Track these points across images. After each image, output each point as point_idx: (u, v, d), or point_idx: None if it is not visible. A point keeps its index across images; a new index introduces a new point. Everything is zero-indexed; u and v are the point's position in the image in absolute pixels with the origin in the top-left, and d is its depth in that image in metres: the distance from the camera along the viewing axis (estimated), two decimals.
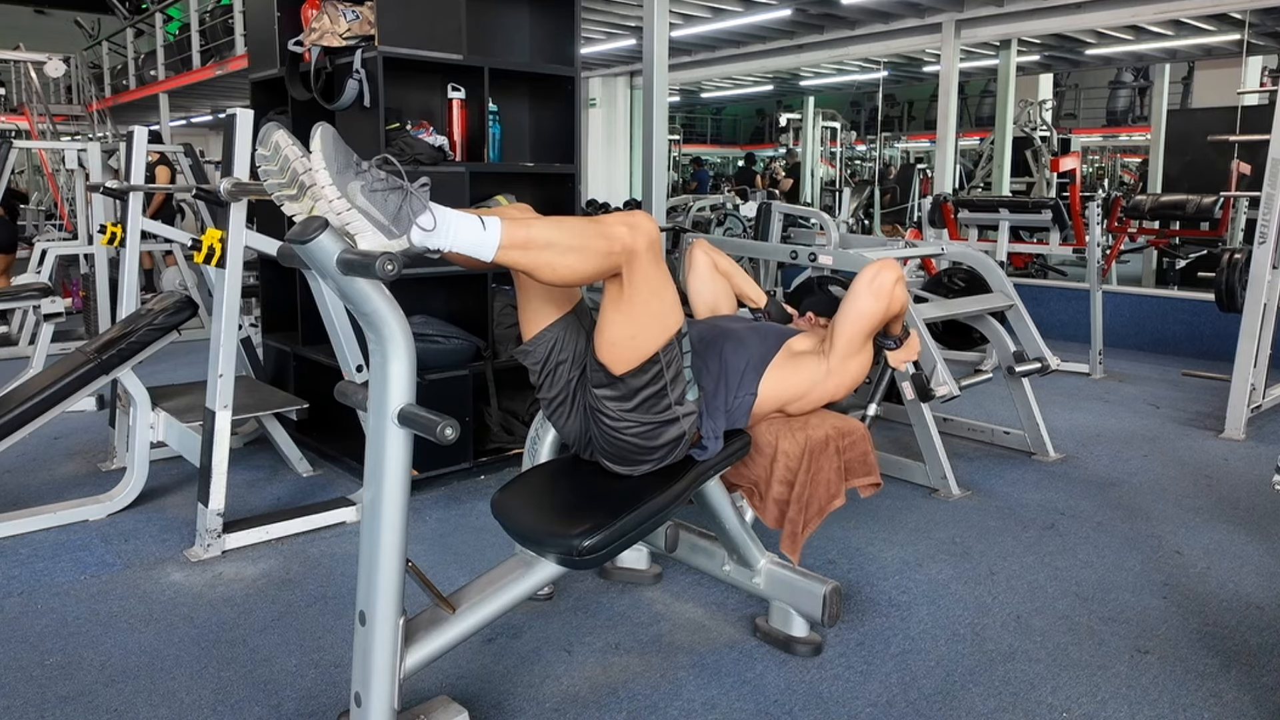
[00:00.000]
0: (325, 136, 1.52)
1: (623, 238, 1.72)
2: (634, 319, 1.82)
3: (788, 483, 2.22)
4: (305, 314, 3.78)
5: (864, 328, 2.19)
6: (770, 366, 2.16)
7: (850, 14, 8.22)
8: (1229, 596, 2.61)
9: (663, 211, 5.42)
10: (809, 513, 2.23)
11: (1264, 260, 4.10)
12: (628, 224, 1.74)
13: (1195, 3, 6.88)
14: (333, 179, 1.52)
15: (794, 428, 2.23)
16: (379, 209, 1.54)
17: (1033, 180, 10.65)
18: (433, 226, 1.58)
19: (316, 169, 1.51)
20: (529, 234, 1.66)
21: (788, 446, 2.20)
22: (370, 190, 1.54)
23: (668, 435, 1.96)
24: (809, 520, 2.23)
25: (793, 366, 2.20)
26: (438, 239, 1.60)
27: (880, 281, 2.16)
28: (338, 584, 2.66)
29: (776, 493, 2.23)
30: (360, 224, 1.54)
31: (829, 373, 2.20)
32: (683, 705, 2.07)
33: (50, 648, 2.30)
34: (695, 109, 20.35)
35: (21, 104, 11.33)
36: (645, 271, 1.77)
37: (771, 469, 2.23)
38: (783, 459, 2.21)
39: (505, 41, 3.96)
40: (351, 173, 1.53)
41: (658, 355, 1.87)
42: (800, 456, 2.19)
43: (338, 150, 1.53)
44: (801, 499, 2.21)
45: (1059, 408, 4.65)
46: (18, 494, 3.39)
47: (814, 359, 2.22)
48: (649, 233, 1.76)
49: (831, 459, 2.24)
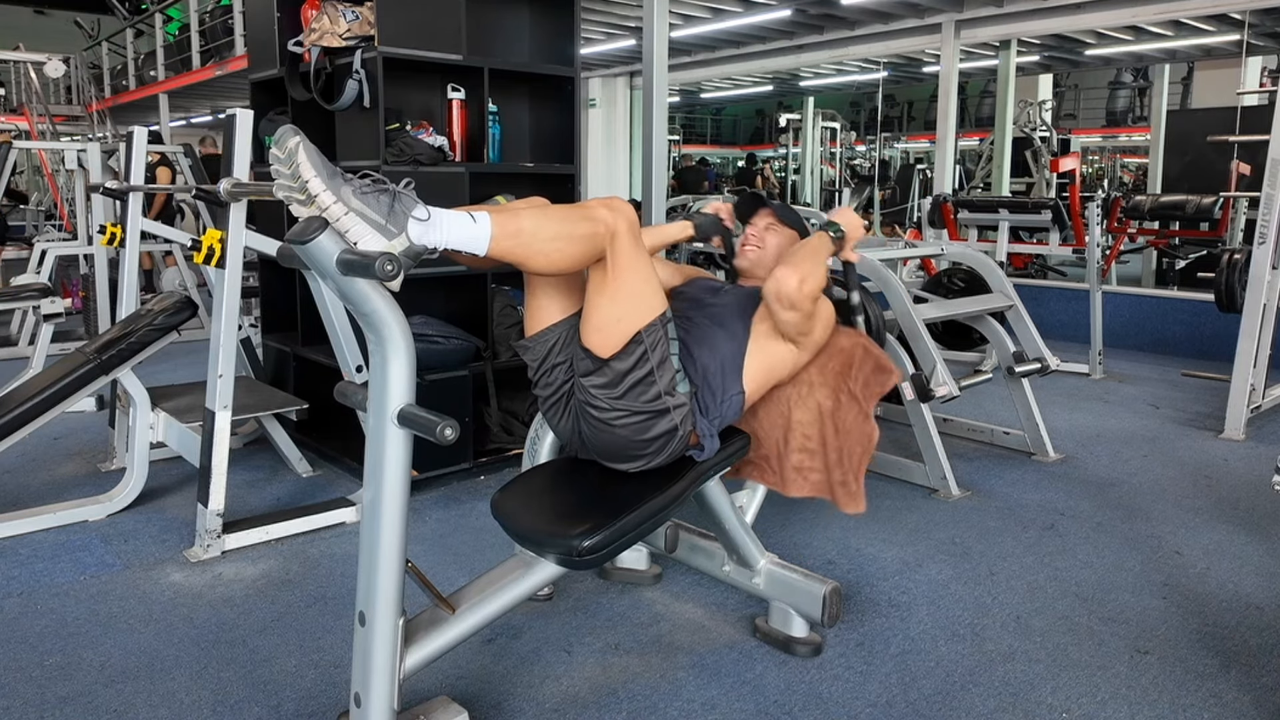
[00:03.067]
0: (307, 146, 1.54)
1: (605, 219, 1.81)
2: (618, 301, 1.86)
3: (808, 450, 2.24)
4: (305, 314, 3.78)
5: (802, 327, 2.15)
6: (747, 358, 2.14)
7: (850, 14, 8.22)
8: (1229, 597, 2.61)
9: (662, 212, 5.41)
10: (854, 462, 2.25)
11: (1264, 260, 4.10)
12: (607, 206, 1.84)
13: (1195, 3, 6.88)
14: (325, 185, 1.54)
15: (802, 394, 2.24)
16: (373, 209, 1.57)
17: (1032, 181, 10.65)
18: (427, 217, 1.61)
19: (308, 176, 1.53)
20: (518, 225, 1.72)
21: (801, 415, 2.22)
22: (361, 193, 1.57)
23: (658, 428, 1.95)
24: (858, 468, 2.25)
25: (769, 347, 2.17)
26: (433, 233, 1.62)
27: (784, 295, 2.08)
28: (337, 584, 2.66)
29: (796, 461, 2.25)
30: (359, 228, 1.55)
31: (800, 348, 2.20)
32: (683, 705, 2.07)
33: (50, 648, 2.30)
34: (695, 109, 20.36)
35: (21, 104, 11.33)
36: (627, 251, 1.84)
37: (786, 440, 2.24)
38: (798, 428, 2.23)
39: (505, 42, 3.96)
40: (339, 179, 1.56)
41: (640, 335, 1.88)
42: (817, 421, 2.22)
43: (320, 158, 1.56)
44: (840, 456, 2.23)
45: (1059, 408, 4.66)
46: (18, 494, 3.39)
47: (782, 340, 2.19)
48: (628, 214, 1.85)
49: (850, 407, 2.24)
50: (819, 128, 14.40)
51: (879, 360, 2.32)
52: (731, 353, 2.13)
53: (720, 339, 2.14)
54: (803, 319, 2.13)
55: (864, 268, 3.30)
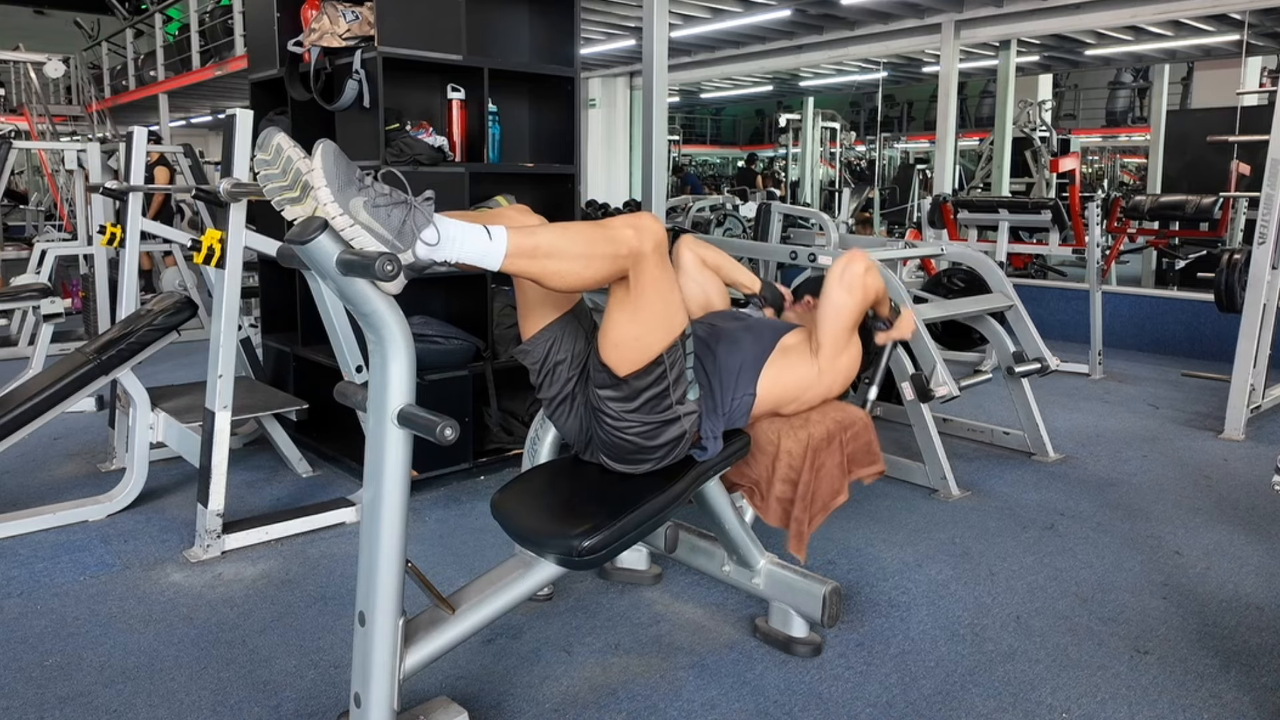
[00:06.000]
0: (327, 153, 1.51)
1: (629, 241, 1.71)
2: (639, 321, 1.81)
3: (791, 481, 2.22)
4: (305, 314, 3.78)
5: (844, 322, 2.18)
6: (766, 365, 2.15)
7: (850, 14, 8.23)
8: (1229, 597, 2.61)
9: (662, 212, 5.41)
10: (814, 509, 2.23)
11: (1263, 260, 4.10)
12: (634, 227, 1.73)
13: (1195, 3, 6.89)
14: (334, 196, 1.51)
15: (795, 425, 2.23)
16: (382, 224, 1.53)
17: (1032, 181, 10.65)
18: (436, 241, 1.57)
19: (318, 186, 1.50)
20: (535, 242, 1.65)
21: (790, 445, 2.20)
22: (373, 206, 1.53)
23: (668, 435, 1.96)
24: (814, 516, 2.23)
25: (788, 365, 2.19)
26: (442, 252, 1.59)
27: (850, 274, 2.15)
28: (337, 584, 2.66)
29: (779, 491, 2.23)
30: (364, 240, 1.53)
31: (820, 373, 2.20)
32: (683, 706, 2.07)
33: (50, 648, 2.30)
34: (695, 109, 20.36)
35: (21, 104, 11.33)
36: (652, 274, 1.76)
37: (774, 468, 2.23)
38: (785, 458, 2.21)
39: (505, 42, 3.97)
40: (354, 189, 1.52)
41: (662, 357, 1.87)
42: (803, 454, 2.20)
43: (339, 166, 1.52)
44: (806, 496, 2.21)
45: (1058, 408, 4.65)
46: (18, 494, 3.39)
47: (807, 358, 2.21)
48: (655, 234, 1.75)
49: (834, 454, 2.24)
50: (819, 128, 14.40)
51: (874, 444, 2.34)
52: (753, 355, 2.14)
53: (747, 341, 2.16)
54: (849, 313, 2.15)
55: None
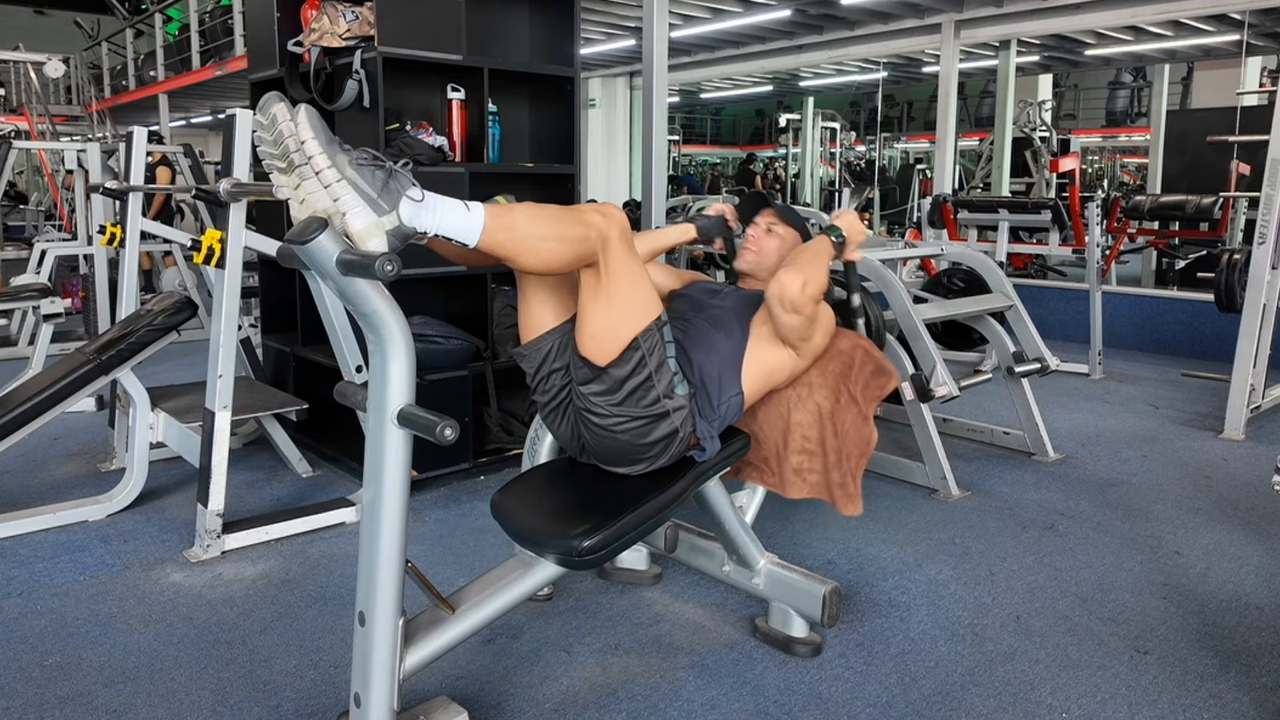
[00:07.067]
0: (311, 113, 1.57)
1: (598, 225, 1.80)
2: (612, 308, 1.86)
3: (808, 451, 2.25)
4: (305, 314, 3.78)
5: (804, 332, 2.16)
6: (745, 360, 2.15)
7: (850, 14, 8.23)
8: (1228, 597, 2.61)
9: (662, 212, 5.41)
10: (851, 465, 2.26)
11: (1263, 260, 4.10)
12: (601, 211, 1.84)
13: (1195, 3, 6.89)
14: (323, 148, 1.55)
15: (801, 395, 2.25)
16: (367, 182, 1.57)
17: (1032, 181, 10.65)
18: (421, 198, 1.61)
19: (307, 138, 1.54)
20: (512, 219, 1.72)
21: (801, 417, 2.22)
22: (357, 164, 1.57)
23: (659, 431, 1.96)
24: (856, 470, 2.26)
25: (767, 350, 2.18)
26: (425, 216, 1.62)
27: (789, 302, 2.08)
28: (337, 584, 2.66)
29: (795, 463, 2.26)
30: (350, 198, 1.55)
31: (800, 354, 2.22)
32: (683, 706, 2.07)
33: (49, 648, 2.30)
34: (695, 109, 20.36)
35: (21, 104, 11.33)
36: (620, 258, 1.83)
37: (785, 441, 2.25)
38: (797, 429, 2.24)
39: (505, 42, 3.97)
40: (336, 147, 1.57)
41: (637, 341, 1.88)
42: (817, 423, 2.22)
43: (323, 128, 1.58)
44: (839, 454, 2.24)
45: (1058, 408, 4.65)
46: (18, 494, 3.39)
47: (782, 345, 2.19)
48: (620, 221, 1.85)
49: (849, 409, 2.25)
50: (818, 128, 14.40)
51: (878, 363, 2.33)
52: (730, 354, 2.13)
53: (718, 340, 2.14)
54: (805, 323, 2.13)
55: (864, 268, 3.29)
